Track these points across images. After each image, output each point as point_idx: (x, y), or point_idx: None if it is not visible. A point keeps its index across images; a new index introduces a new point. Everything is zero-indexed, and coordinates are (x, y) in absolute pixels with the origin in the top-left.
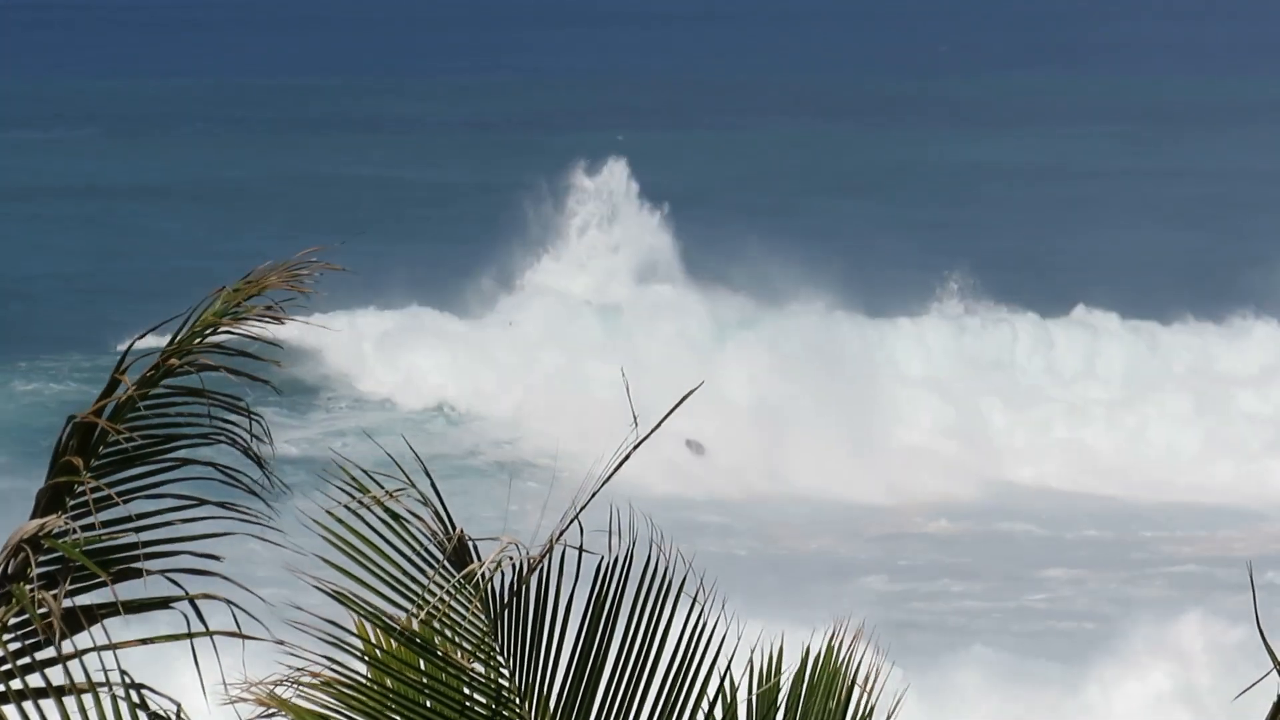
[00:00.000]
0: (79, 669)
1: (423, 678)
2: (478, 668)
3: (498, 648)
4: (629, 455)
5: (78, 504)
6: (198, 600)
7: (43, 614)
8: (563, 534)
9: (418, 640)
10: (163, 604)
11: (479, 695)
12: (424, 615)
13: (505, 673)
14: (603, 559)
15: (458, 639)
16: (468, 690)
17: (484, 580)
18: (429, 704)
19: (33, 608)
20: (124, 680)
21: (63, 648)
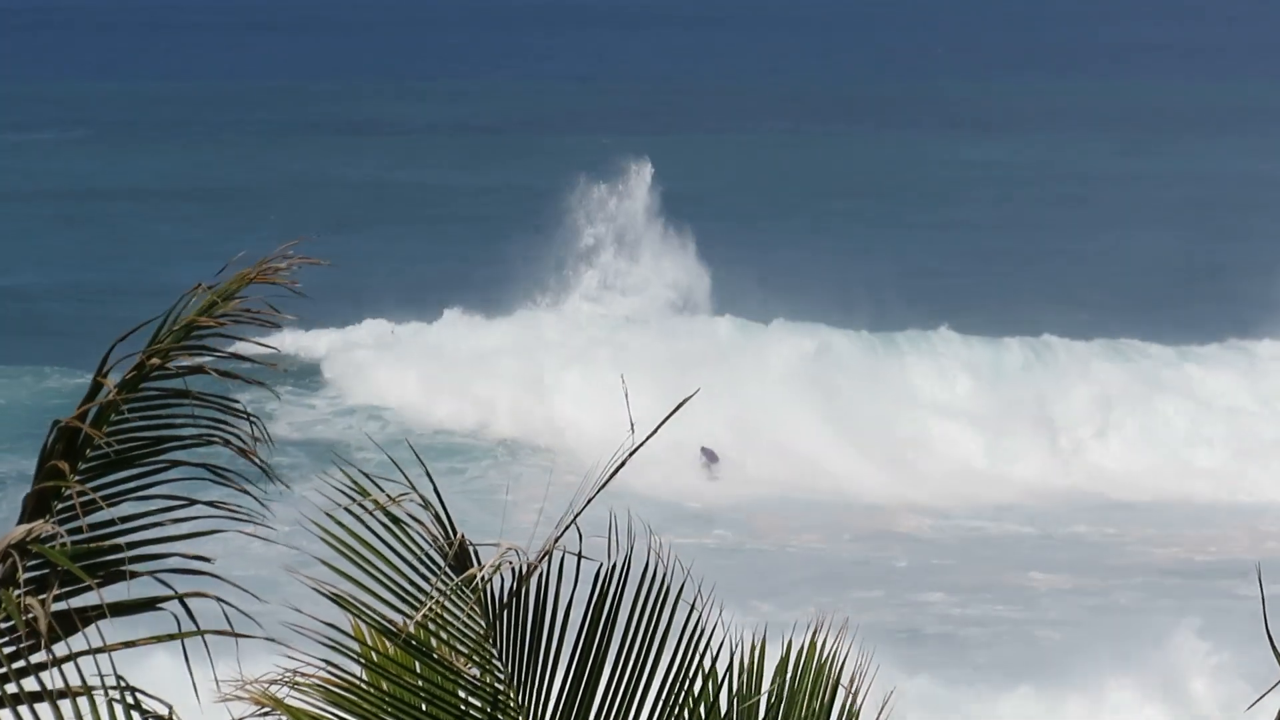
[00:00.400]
0: (70, 673)
1: (419, 681)
2: (474, 671)
3: (495, 652)
4: (625, 461)
5: (65, 508)
6: (188, 601)
7: (29, 619)
8: (559, 539)
9: (414, 643)
10: (151, 605)
11: (475, 699)
12: (420, 618)
13: (502, 677)
14: (601, 565)
15: (454, 642)
16: (464, 694)
17: (482, 584)
18: (424, 708)
19: (18, 614)
20: (117, 684)
21: (53, 652)
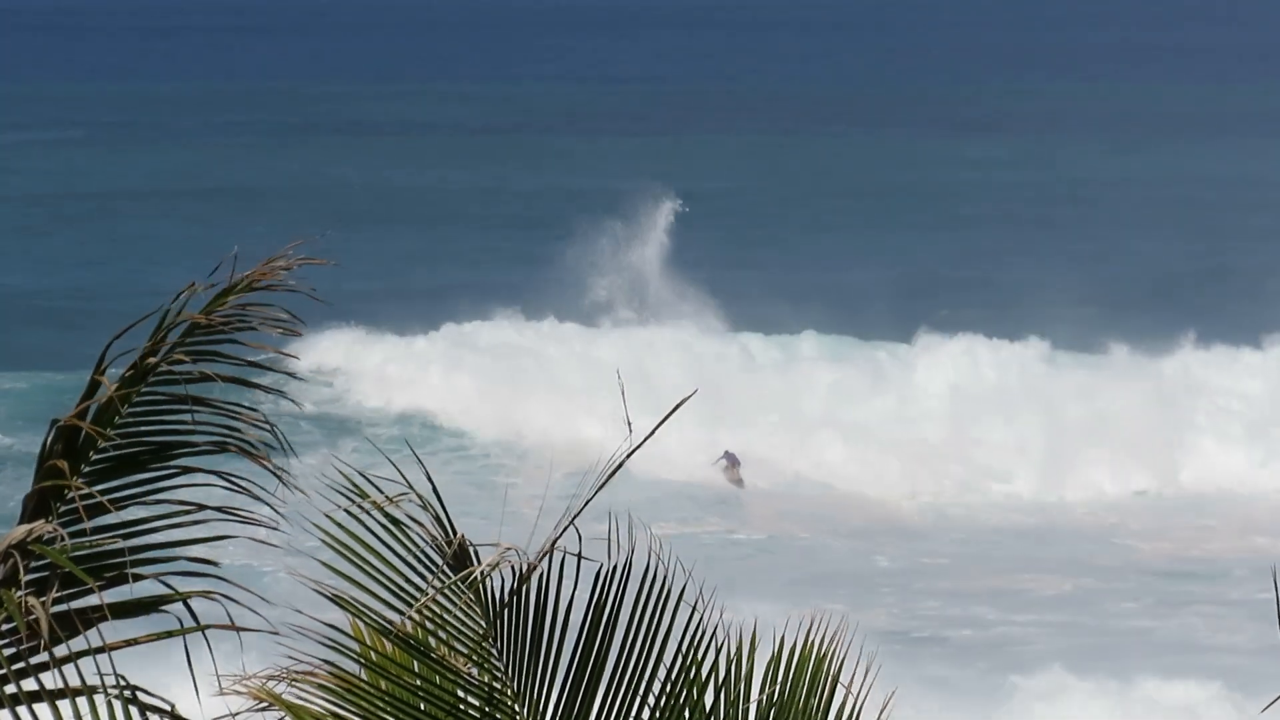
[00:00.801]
0: (71, 674)
1: (417, 680)
2: (473, 671)
3: (495, 652)
4: (623, 462)
5: (68, 510)
6: (191, 602)
7: (29, 619)
8: (558, 539)
9: (413, 643)
10: (154, 606)
11: (474, 698)
12: (416, 615)
13: (501, 676)
14: (602, 566)
15: (454, 642)
16: (463, 693)
17: (480, 580)
18: (423, 706)
19: (19, 614)
20: (117, 682)
21: (53, 653)
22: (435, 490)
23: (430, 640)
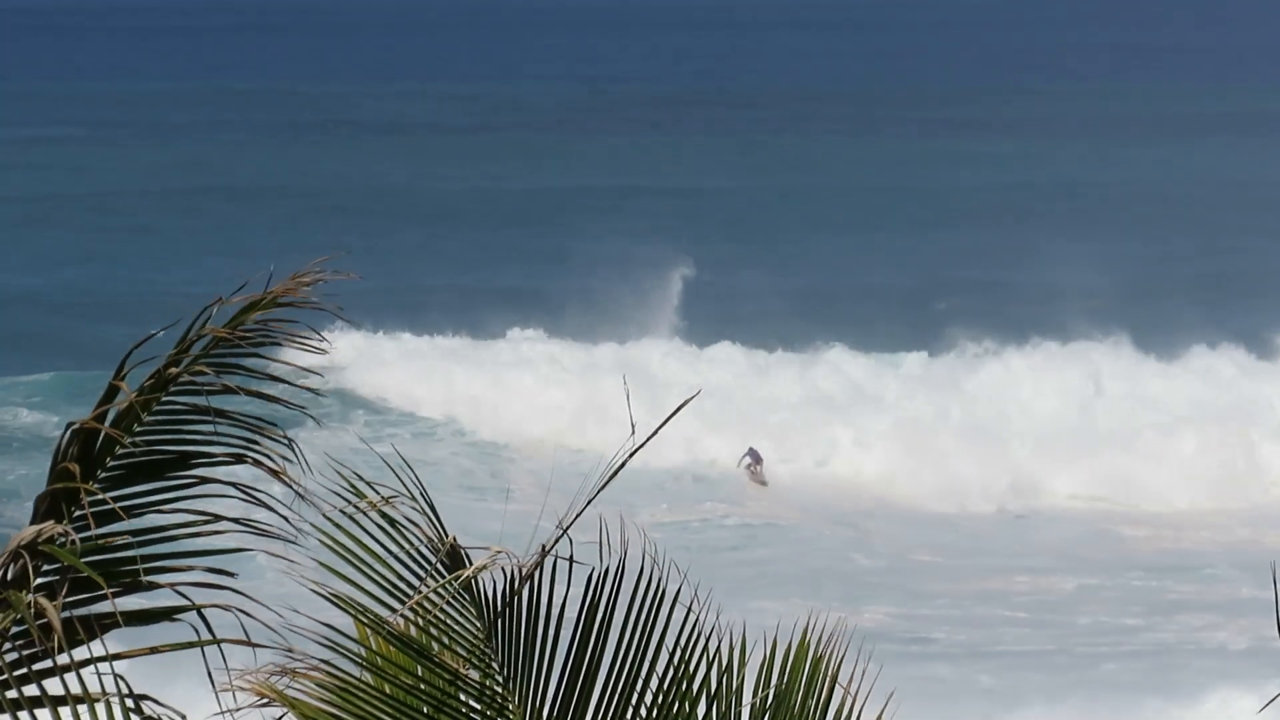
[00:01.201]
0: (73, 679)
1: (420, 683)
2: (471, 673)
3: (491, 653)
4: (624, 464)
5: (83, 515)
6: (207, 613)
7: (40, 622)
8: (557, 541)
9: (412, 645)
10: (168, 615)
11: (472, 700)
12: (412, 615)
13: (497, 677)
14: (594, 569)
15: (452, 644)
16: (463, 696)
17: (473, 579)
18: (421, 706)
19: (29, 615)
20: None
21: (62, 656)
22: (424, 492)
23: (428, 641)
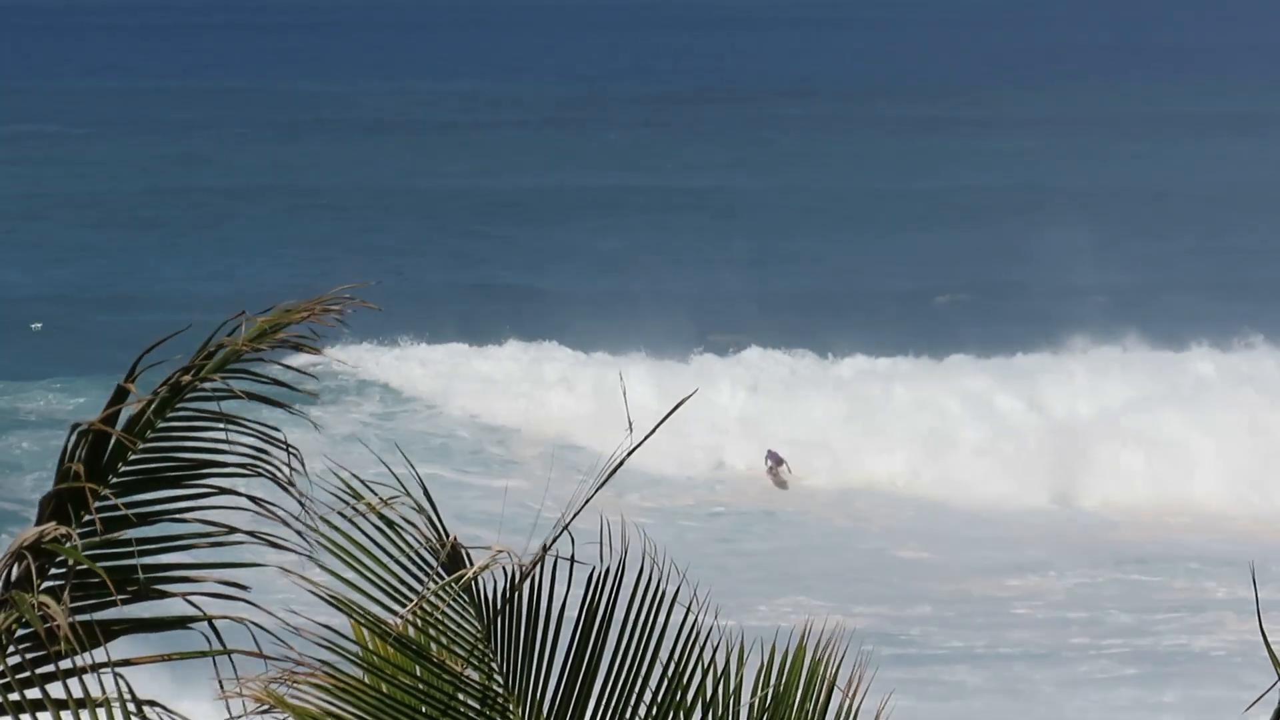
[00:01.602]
0: (83, 683)
1: (419, 683)
2: (471, 673)
3: (491, 653)
4: (621, 463)
5: (91, 520)
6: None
7: (47, 624)
8: (555, 541)
9: (414, 647)
10: (180, 624)
11: (472, 700)
12: (411, 614)
13: (497, 677)
14: (594, 568)
15: (451, 644)
16: (462, 696)
17: (470, 582)
18: (424, 709)
19: (34, 614)
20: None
21: (65, 659)
22: (427, 493)
23: (426, 641)
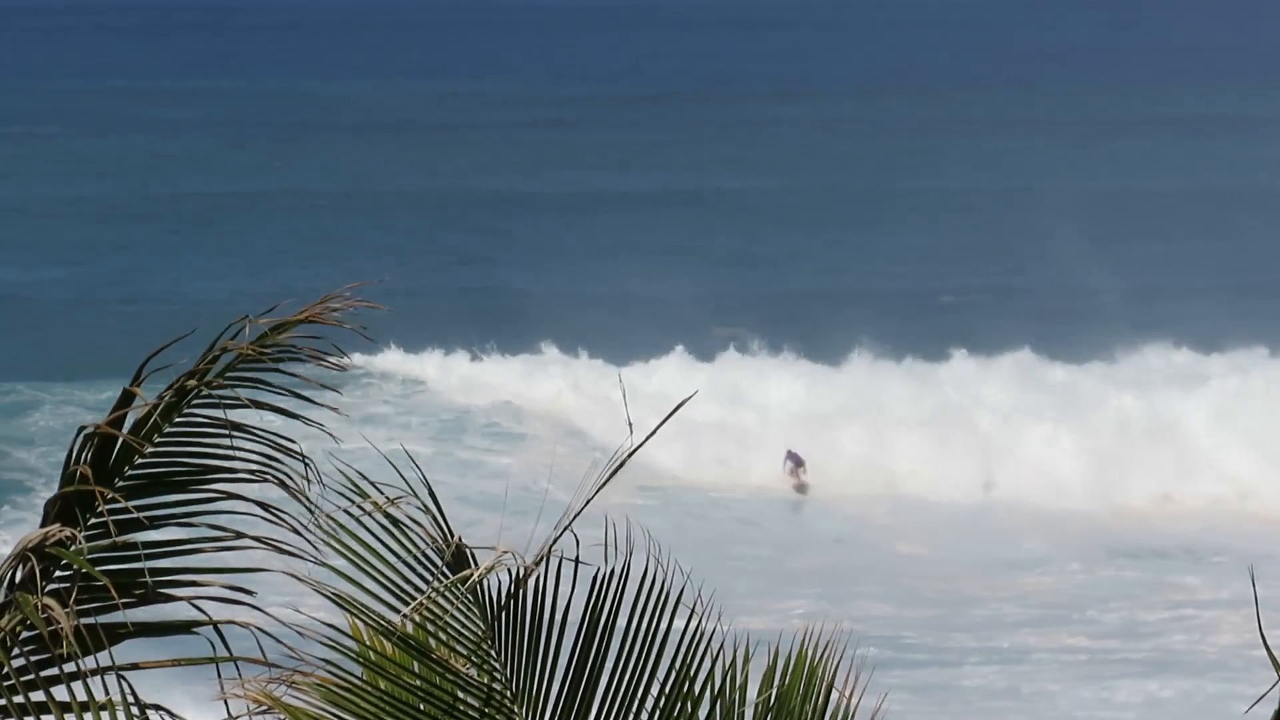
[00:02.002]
0: (87, 685)
1: (417, 680)
2: (473, 673)
3: (494, 653)
4: (622, 464)
5: (98, 523)
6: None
7: (50, 627)
8: (556, 541)
9: (418, 648)
10: (186, 628)
11: (473, 700)
12: (413, 614)
13: (500, 677)
14: (599, 569)
15: (453, 643)
16: (462, 694)
17: (476, 583)
18: (422, 707)
19: (37, 616)
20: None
21: (68, 662)
22: (432, 493)
23: (430, 641)
